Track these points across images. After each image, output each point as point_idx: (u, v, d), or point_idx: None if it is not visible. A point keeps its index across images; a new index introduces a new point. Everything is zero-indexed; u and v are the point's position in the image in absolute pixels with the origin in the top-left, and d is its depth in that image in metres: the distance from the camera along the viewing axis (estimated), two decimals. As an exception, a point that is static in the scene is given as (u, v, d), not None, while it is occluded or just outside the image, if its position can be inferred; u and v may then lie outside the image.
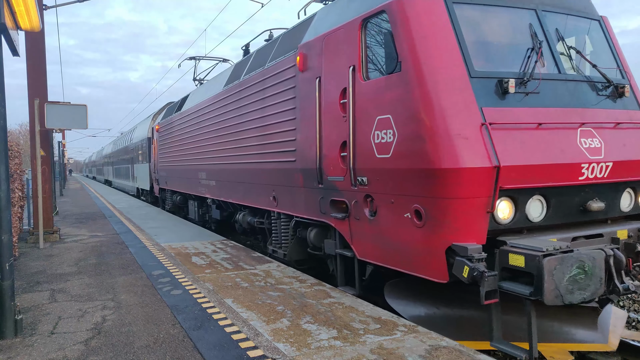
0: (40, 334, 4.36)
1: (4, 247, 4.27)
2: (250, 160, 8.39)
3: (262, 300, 5.27)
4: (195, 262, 7.46)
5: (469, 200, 4.13)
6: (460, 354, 3.68)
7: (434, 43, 4.47)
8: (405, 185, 4.55)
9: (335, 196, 5.80)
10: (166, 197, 16.92)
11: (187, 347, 3.96)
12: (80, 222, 13.66)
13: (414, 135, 4.41)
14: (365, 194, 5.19)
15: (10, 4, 4.32)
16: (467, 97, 4.31)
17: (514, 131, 4.37)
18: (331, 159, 5.79)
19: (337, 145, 5.64)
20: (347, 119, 5.38)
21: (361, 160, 5.18)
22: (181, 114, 13.53)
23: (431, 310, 5.05)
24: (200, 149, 11.57)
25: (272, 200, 7.65)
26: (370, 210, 5.18)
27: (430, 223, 4.32)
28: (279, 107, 7.22)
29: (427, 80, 4.33)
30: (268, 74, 7.64)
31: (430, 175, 4.24)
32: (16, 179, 9.30)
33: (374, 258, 5.21)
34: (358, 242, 5.45)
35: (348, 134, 5.37)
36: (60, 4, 11.62)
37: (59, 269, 7.20)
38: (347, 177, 5.47)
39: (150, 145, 19.39)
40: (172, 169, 14.88)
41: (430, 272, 4.41)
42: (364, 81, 5.18)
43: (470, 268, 3.96)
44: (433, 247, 4.33)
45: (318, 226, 6.55)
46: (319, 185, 6.13)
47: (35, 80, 9.70)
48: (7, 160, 4.32)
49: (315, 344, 3.94)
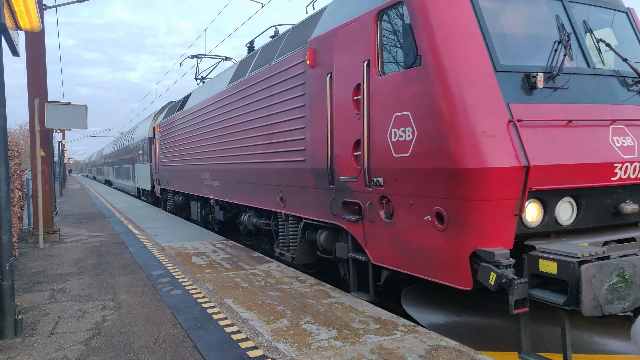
0: (40, 334, 4.36)
1: (4, 247, 4.26)
2: (256, 160, 8.12)
3: (262, 300, 5.27)
4: (195, 262, 7.46)
5: (495, 202, 3.89)
6: (460, 354, 3.68)
7: (457, 35, 4.21)
8: (425, 186, 4.30)
9: (347, 197, 5.55)
10: (168, 197, 16.72)
11: (187, 347, 3.96)
12: (80, 222, 13.66)
13: (435, 133, 4.15)
14: (381, 195, 4.93)
15: (10, 4, 4.32)
16: (493, 92, 4.07)
17: (543, 129, 4.11)
18: (343, 158, 5.56)
19: (350, 144, 5.40)
20: (361, 116, 5.15)
21: (376, 160, 4.94)
22: (183, 113, 13.29)
23: (451, 318, 4.78)
24: (203, 149, 11.32)
25: (280, 202, 7.38)
26: (386, 213, 4.93)
27: (453, 226, 4.07)
28: (287, 105, 6.99)
29: (450, 75, 4.08)
30: (275, 71, 7.40)
31: (454, 176, 3.99)
32: (16, 179, 9.30)
33: (390, 263, 4.93)
34: (372, 245, 5.19)
35: (362, 132, 5.13)
36: (60, 4, 11.62)
37: (59, 269, 7.20)
38: (360, 178, 5.23)
39: (151, 145, 19.24)
40: (174, 169, 14.63)
41: (453, 278, 4.15)
42: (379, 76, 4.93)
43: (498, 275, 3.72)
44: (456, 252, 4.07)
45: (329, 229, 6.30)
46: (330, 186, 5.89)
47: (35, 80, 9.70)
48: (7, 160, 4.32)
49: (315, 344, 3.94)
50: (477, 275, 3.93)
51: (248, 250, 8.41)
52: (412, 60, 4.44)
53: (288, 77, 6.96)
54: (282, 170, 7.21)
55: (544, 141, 4.07)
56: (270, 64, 7.65)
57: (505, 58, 4.27)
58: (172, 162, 14.76)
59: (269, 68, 7.63)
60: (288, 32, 7.77)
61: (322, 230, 6.39)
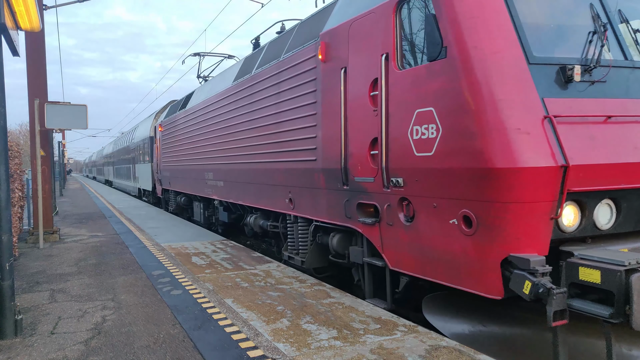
0: (40, 334, 4.36)
1: (3, 247, 4.26)
2: (263, 160, 7.81)
3: (262, 300, 5.27)
4: (195, 262, 7.46)
5: (530, 205, 3.61)
6: (460, 354, 3.67)
7: (486, 24, 3.91)
8: (451, 187, 4.01)
9: (363, 199, 5.26)
10: (169, 198, 16.45)
11: (188, 348, 3.96)
12: (80, 222, 13.66)
13: (463, 131, 3.86)
14: (401, 197, 4.64)
15: (10, 4, 4.32)
16: (526, 86, 3.78)
17: (581, 125, 3.83)
18: (359, 157, 5.26)
19: (367, 142, 5.11)
20: (379, 113, 4.85)
21: (396, 159, 4.64)
22: (186, 112, 13.03)
23: (476, 327, 4.44)
24: (206, 148, 11.05)
25: (288, 203, 7.08)
26: (406, 215, 4.63)
27: (482, 231, 3.78)
28: (297, 102, 6.67)
29: (479, 67, 3.80)
30: (284, 67, 7.10)
31: (484, 176, 3.70)
32: (16, 179, 9.30)
33: (410, 269, 4.64)
34: (390, 250, 4.90)
35: (380, 129, 4.83)
36: (60, 4, 11.62)
37: (58, 269, 7.20)
38: (378, 178, 4.94)
39: (153, 145, 19.03)
40: (176, 169, 14.35)
41: (482, 286, 3.85)
42: (399, 70, 4.64)
43: (534, 283, 3.45)
44: (485, 258, 3.79)
45: (342, 231, 5.97)
46: (343, 187, 5.59)
47: (35, 80, 9.70)
48: (7, 160, 4.32)
49: (315, 344, 3.94)
50: (509, 284, 3.66)
51: (248, 250, 8.41)
52: (436, 52, 4.15)
53: (298, 73, 6.67)
54: (291, 170, 6.93)
55: (582, 139, 3.78)
56: (279, 59, 7.37)
57: (538, 49, 3.96)
58: (174, 162, 14.50)
59: (277, 64, 7.35)
60: (297, 26, 7.50)
61: (335, 233, 6.07)
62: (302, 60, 6.58)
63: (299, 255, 6.98)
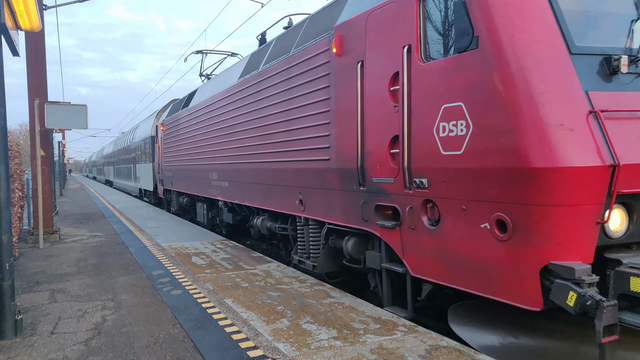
0: (40, 334, 4.36)
1: (3, 247, 4.26)
2: (272, 159, 7.49)
3: (262, 300, 5.27)
4: (195, 262, 7.46)
5: (574, 208, 3.33)
6: (460, 354, 3.67)
7: (523, 12, 3.63)
8: (483, 188, 3.72)
9: (382, 201, 4.95)
10: (172, 198, 16.10)
11: (188, 348, 3.96)
12: (80, 222, 13.66)
13: (497, 127, 3.57)
14: (425, 199, 4.34)
15: (10, 4, 4.32)
16: (569, 78, 3.49)
17: (629, 121, 3.53)
18: (377, 156, 4.96)
19: (386, 140, 4.81)
20: (400, 108, 4.56)
21: (420, 158, 4.35)
22: (188, 111, 12.70)
23: (507, 339, 4.10)
24: (211, 147, 10.73)
25: (298, 204, 6.78)
26: (430, 219, 4.35)
27: (519, 236, 3.50)
28: (309, 98, 6.35)
29: (516, 58, 3.51)
30: (294, 62, 6.78)
31: (522, 177, 3.42)
32: (16, 179, 9.30)
33: (434, 276, 4.35)
34: (412, 256, 4.60)
35: (401, 126, 4.53)
36: (60, 4, 11.62)
37: (58, 269, 7.20)
38: (399, 179, 4.64)
39: (154, 144, 18.77)
40: (179, 169, 14.03)
41: (518, 296, 3.57)
42: (423, 63, 4.35)
43: (580, 295, 3.14)
44: (522, 265, 3.51)
45: (357, 235, 5.67)
46: (360, 188, 5.29)
47: (35, 80, 9.70)
48: (7, 160, 4.31)
49: (315, 344, 3.94)
50: (549, 295, 3.38)
51: (248, 250, 8.41)
52: (466, 42, 3.85)
53: (310, 68, 6.35)
54: (302, 170, 6.61)
55: (631, 136, 3.48)
56: (288, 54, 7.06)
57: (580, 39, 3.66)
58: (177, 162, 14.18)
59: (287, 59, 7.03)
60: (307, 19, 7.17)
61: (349, 236, 5.75)
62: (314, 54, 6.26)
63: (310, 259, 6.70)
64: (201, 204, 12.68)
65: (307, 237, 6.78)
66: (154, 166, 19.02)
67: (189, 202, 14.30)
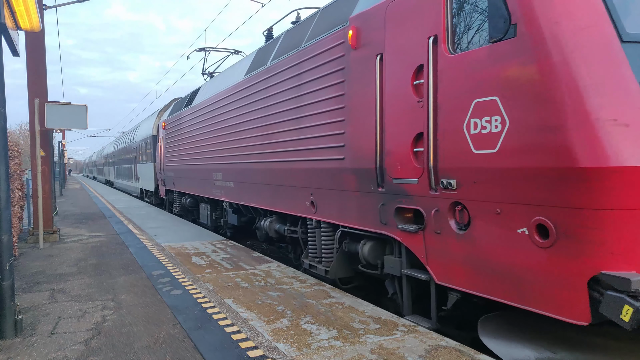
0: (40, 334, 4.36)
1: (3, 247, 4.26)
2: (281, 159, 7.19)
3: (262, 300, 5.27)
4: (195, 262, 7.46)
5: (630, 212, 3.05)
6: (460, 354, 3.67)
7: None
8: (521, 190, 3.44)
9: (403, 203, 4.66)
10: (174, 199, 15.75)
11: (188, 348, 3.96)
12: (80, 222, 13.66)
13: (539, 123, 3.29)
14: (453, 201, 4.05)
15: (10, 4, 4.32)
16: (621, 68, 3.20)
17: None
18: (398, 155, 4.68)
19: (409, 138, 4.52)
20: (425, 104, 4.27)
21: (447, 158, 4.05)
22: (192, 109, 12.37)
23: (543, 354, 3.77)
24: (215, 147, 10.40)
25: (310, 206, 6.48)
26: (459, 222, 4.05)
27: (563, 243, 3.21)
28: (322, 95, 6.03)
29: (561, 47, 3.22)
30: (305, 57, 6.49)
31: (569, 178, 3.13)
32: (16, 179, 9.30)
33: (462, 284, 4.04)
34: (437, 262, 4.31)
35: (426, 123, 4.25)
36: (60, 4, 11.62)
37: (58, 269, 7.20)
38: (423, 179, 4.35)
39: (156, 144, 18.44)
40: (181, 169, 13.68)
41: (562, 309, 3.28)
42: (450, 54, 4.06)
43: (637, 309, 2.85)
44: (568, 275, 3.22)
45: (374, 239, 5.38)
46: (378, 189, 5.00)
47: (35, 80, 9.71)
48: (7, 160, 4.31)
49: (315, 344, 3.94)
50: (599, 307, 3.10)
51: (248, 250, 8.41)
52: (502, 31, 3.57)
53: (322, 63, 6.05)
54: (313, 170, 6.30)
55: None
56: (299, 49, 6.76)
57: (631, 25, 3.35)
58: (179, 162, 13.83)
59: (297, 54, 6.74)
60: (319, 12, 6.87)
61: (366, 240, 5.46)
62: (327, 48, 5.96)
63: (322, 264, 6.41)
64: (204, 205, 12.41)
65: (318, 240, 6.53)
66: (155, 166, 18.76)
67: (191, 203, 13.98)
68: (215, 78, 11.79)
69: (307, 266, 6.81)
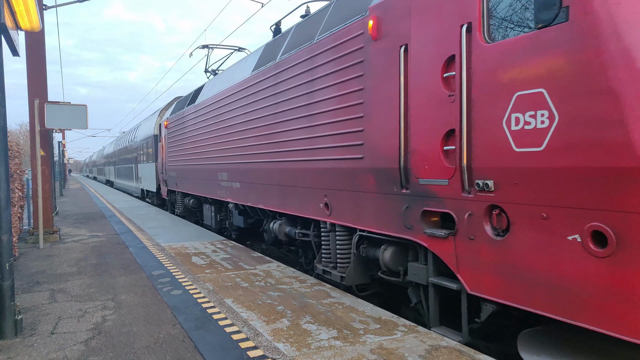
0: (40, 334, 4.36)
1: (3, 247, 4.26)
2: (292, 158, 6.86)
3: (262, 300, 5.27)
4: (195, 262, 7.46)
5: None
6: (460, 354, 3.67)
7: None
8: (572, 192, 3.14)
9: (431, 206, 4.35)
10: (176, 200, 15.30)
11: (188, 348, 3.96)
12: (80, 222, 13.66)
13: (595, 117, 2.99)
14: (490, 205, 3.73)
15: (10, 4, 4.32)
16: None
17: None
18: (426, 154, 4.36)
19: (438, 135, 4.20)
20: (457, 98, 3.96)
21: (484, 156, 3.74)
22: (195, 107, 11.98)
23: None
24: (220, 146, 10.04)
25: (323, 208, 6.16)
26: (496, 228, 3.72)
27: (625, 252, 2.90)
28: (338, 90, 5.73)
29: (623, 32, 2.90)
30: (319, 50, 6.15)
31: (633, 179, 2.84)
32: (16, 179, 9.31)
33: (499, 295, 3.70)
34: (469, 270, 3.97)
35: (458, 119, 3.94)
36: (60, 4, 11.62)
37: (59, 269, 7.20)
38: (454, 180, 4.04)
39: (158, 143, 18.12)
40: (184, 168, 13.30)
41: (622, 326, 2.97)
42: (487, 43, 3.73)
43: None
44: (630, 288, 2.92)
45: (396, 244, 5.08)
46: (402, 191, 4.68)
47: (35, 80, 9.71)
48: (7, 160, 4.32)
49: (316, 344, 3.94)
50: None
51: (248, 250, 8.41)
52: (551, 15, 3.26)
53: (338, 56, 5.72)
54: (328, 170, 5.98)
55: None
56: (312, 42, 6.42)
57: None
58: (182, 162, 13.44)
59: (310, 47, 6.41)
60: (333, 2, 6.48)
61: (387, 245, 5.14)
62: (344, 40, 5.63)
63: (337, 270, 6.07)
64: (209, 206, 12.03)
65: (333, 244, 6.20)
66: (157, 166, 18.46)
67: (195, 204, 13.64)
68: (220, 75, 11.46)
69: (321, 271, 6.47)
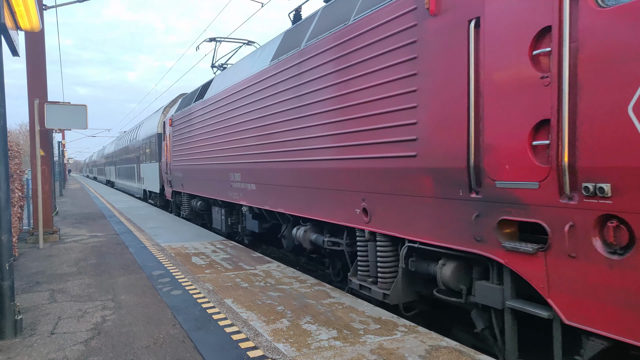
0: (40, 334, 4.36)
1: (3, 247, 4.26)
2: (320, 157, 6.10)
3: (262, 300, 5.27)
4: (195, 262, 7.46)
5: None
6: (460, 354, 3.67)
7: None
8: None
9: (513, 214, 3.61)
10: (182, 201, 14.42)
11: (188, 348, 3.96)
12: (80, 222, 13.66)
13: None
14: (603, 214, 3.03)
15: (10, 4, 4.32)
16: None
17: None
18: (507, 151, 3.62)
19: (525, 127, 3.47)
20: (554, 80, 3.26)
21: (597, 153, 3.03)
22: (204, 103, 11.19)
23: None
24: (233, 144, 9.22)
25: (361, 214, 5.43)
26: (611, 244, 3.00)
27: None
28: (382, 76, 4.95)
29: None
30: (355, 32, 5.41)
31: None
32: (16, 179, 9.31)
33: (612, 329, 3.02)
34: (567, 295, 3.28)
35: (556, 106, 3.25)
36: (60, 4, 11.62)
37: (58, 269, 7.19)
38: (549, 183, 3.33)
39: (161, 142, 17.41)
40: (191, 168, 12.52)
41: None
42: (601, 8, 2.99)
43: None
44: None
45: (458, 258, 4.34)
46: (471, 195, 3.95)
47: (35, 80, 9.71)
48: (7, 160, 4.32)
49: (315, 344, 3.94)
50: None
51: (248, 251, 8.41)
52: None
53: (383, 37, 4.97)
54: (367, 170, 5.25)
55: None
56: (346, 24, 5.67)
57: None
58: (189, 161, 12.68)
59: (343, 30, 5.67)
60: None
61: (446, 260, 4.40)
62: (390, 18, 4.87)
63: (378, 285, 5.35)
64: (218, 209, 11.14)
65: (372, 256, 5.44)
66: (160, 165, 17.59)
67: (203, 206, 12.71)
68: (230, 68, 10.63)
69: (357, 287, 5.70)
